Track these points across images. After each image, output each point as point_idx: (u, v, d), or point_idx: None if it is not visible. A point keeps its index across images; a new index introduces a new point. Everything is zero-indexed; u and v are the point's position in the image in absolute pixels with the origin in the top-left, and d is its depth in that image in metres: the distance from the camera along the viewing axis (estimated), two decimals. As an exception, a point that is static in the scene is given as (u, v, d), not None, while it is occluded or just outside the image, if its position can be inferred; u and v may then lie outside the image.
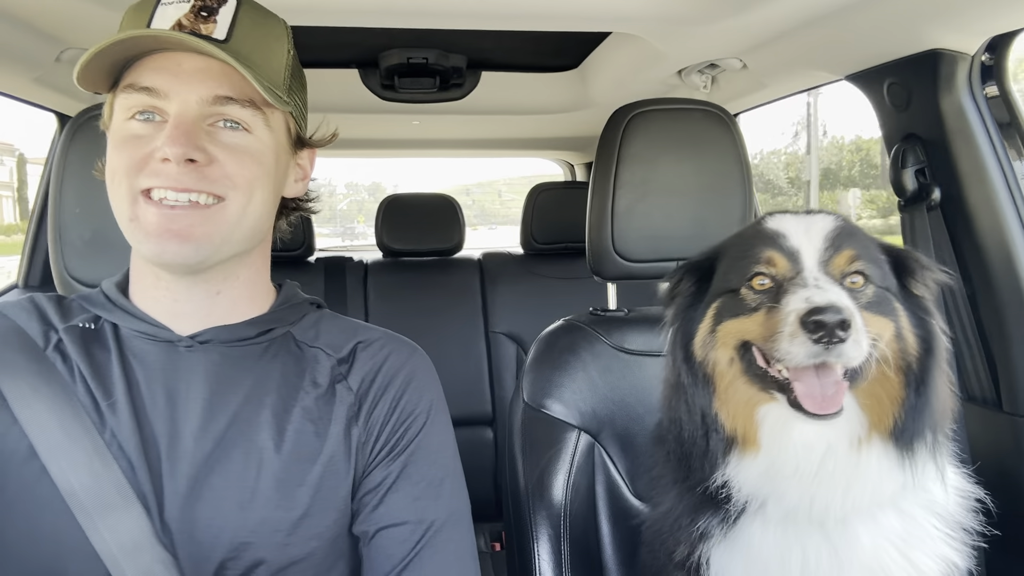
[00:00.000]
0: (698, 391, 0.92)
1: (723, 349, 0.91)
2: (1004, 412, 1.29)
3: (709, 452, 0.91)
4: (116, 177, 0.81)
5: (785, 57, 1.62)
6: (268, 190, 0.86)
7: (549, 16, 1.50)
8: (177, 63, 0.79)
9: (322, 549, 0.83)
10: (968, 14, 1.23)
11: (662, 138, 1.33)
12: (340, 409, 0.86)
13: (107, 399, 0.80)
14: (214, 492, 0.79)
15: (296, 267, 2.68)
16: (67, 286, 1.12)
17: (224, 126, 0.81)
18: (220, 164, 0.80)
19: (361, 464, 0.86)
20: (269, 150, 0.85)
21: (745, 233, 0.96)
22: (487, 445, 2.65)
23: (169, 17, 0.79)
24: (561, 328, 1.37)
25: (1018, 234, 1.30)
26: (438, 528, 0.85)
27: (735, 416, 0.90)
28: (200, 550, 0.77)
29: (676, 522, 0.96)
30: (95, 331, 0.85)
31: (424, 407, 0.90)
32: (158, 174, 0.78)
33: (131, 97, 0.80)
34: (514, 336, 2.68)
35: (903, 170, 1.42)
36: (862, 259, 0.87)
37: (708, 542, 0.92)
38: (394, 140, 3.20)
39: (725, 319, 0.91)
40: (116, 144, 0.82)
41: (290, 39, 0.89)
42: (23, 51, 1.51)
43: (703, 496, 0.92)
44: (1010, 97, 1.34)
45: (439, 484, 0.87)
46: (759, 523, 0.90)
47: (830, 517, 0.87)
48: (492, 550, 2.55)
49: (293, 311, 0.93)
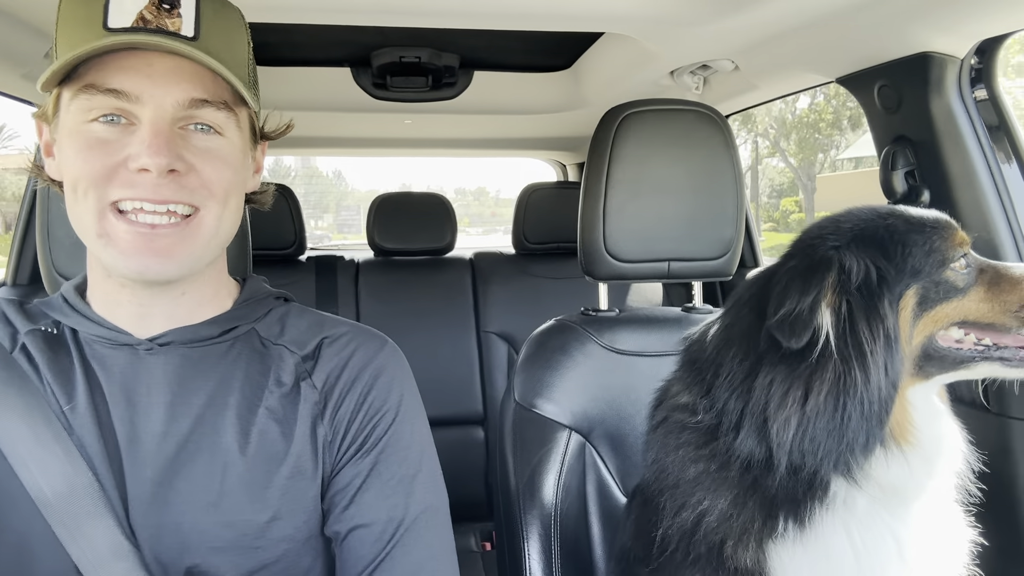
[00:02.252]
0: (884, 380, 0.87)
1: (921, 336, 0.91)
2: (991, 413, 1.30)
3: (868, 443, 0.86)
4: (80, 187, 0.75)
5: (777, 59, 1.63)
6: (240, 194, 0.84)
7: (542, 16, 1.50)
8: (147, 63, 0.73)
9: (294, 551, 0.81)
10: (958, 18, 1.23)
11: (654, 139, 1.33)
12: (305, 408, 0.84)
13: (69, 403, 0.78)
14: (179, 496, 0.77)
15: (287, 266, 2.67)
16: (55, 284, 1.11)
17: (196, 129, 0.77)
18: (197, 172, 0.77)
19: (329, 463, 0.84)
20: (239, 151, 0.82)
21: (893, 225, 0.92)
22: (478, 445, 2.64)
23: (128, 10, 0.73)
24: (552, 328, 1.37)
25: (1006, 235, 1.31)
26: (408, 526, 0.83)
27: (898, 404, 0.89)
28: (167, 554, 0.76)
29: (728, 523, 0.91)
30: (57, 336, 0.83)
31: (393, 402, 0.87)
32: (133, 185, 0.74)
33: (94, 98, 0.73)
34: (506, 336, 2.68)
35: (893, 172, 1.43)
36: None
37: (773, 541, 0.89)
38: (386, 139, 3.19)
39: (936, 304, 0.90)
40: (77, 149, 0.74)
41: (247, 27, 0.84)
42: (10, 47, 1.50)
43: (778, 493, 0.89)
44: (999, 100, 1.35)
45: (411, 481, 0.85)
46: (838, 517, 0.89)
47: (932, 501, 0.90)
48: (482, 549, 2.55)
49: (257, 307, 0.90)
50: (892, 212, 0.94)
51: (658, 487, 0.98)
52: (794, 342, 0.85)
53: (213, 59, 0.74)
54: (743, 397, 0.91)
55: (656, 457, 1.01)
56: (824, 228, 0.94)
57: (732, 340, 0.95)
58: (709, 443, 0.94)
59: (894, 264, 0.89)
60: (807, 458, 0.86)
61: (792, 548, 0.88)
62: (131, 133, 0.74)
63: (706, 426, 0.95)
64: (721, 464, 0.92)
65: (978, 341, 0.92)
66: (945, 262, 0.90)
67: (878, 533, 0.88)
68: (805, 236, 0.96)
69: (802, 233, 0.98)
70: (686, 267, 1.37)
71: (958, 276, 0.91)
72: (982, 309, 0.91)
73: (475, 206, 38.41)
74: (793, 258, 0.93)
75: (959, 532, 0.94)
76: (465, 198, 40.07)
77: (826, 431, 0.85)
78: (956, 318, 0.91)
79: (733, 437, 0.91)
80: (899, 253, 0.90)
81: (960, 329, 0.92)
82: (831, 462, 0.85)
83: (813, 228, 0.96)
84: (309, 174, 50.96)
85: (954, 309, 0.91)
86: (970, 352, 0.92)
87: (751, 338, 0.92)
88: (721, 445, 0.92)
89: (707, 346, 1.00)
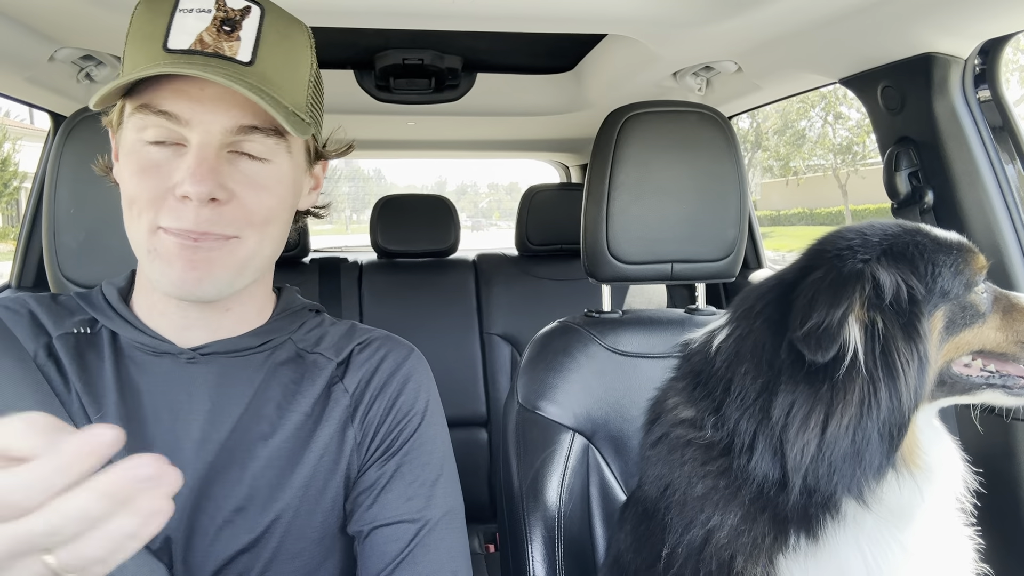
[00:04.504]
0: (910, 403, 0.84)
1: (942, 361, 0.90)
2: (995, 414, 1.29)
3: (882, 467, 0.85)
4: (135, 208, 0.76)
5: (780, 60, 1.62)
6: (283, 220, 0.84)
7: (544, 18, 1.50)
8: (199, 87, 0.73)
9: (309, 550, 0.83)
10: (962, 18, 1.23)
11: (657, 140, 1.33)
12: (335, 411, 0.86)
13: (98, 412, 0.78)
14: (213, 502, 0.78)
15: (291, 267, 2.68)
16: (61, 287, 1.11)
17: (243, 154, 0.77)
18: (239, 201, 0.77)
19: (356, 464, 0.86)
20: (288, 178, 0.82)
21: (922, 243, 0.90)
22: (481, 446, 2.64)
23: (190, 30, 0.73)
24: (556, 329, 1.37)
25: (1010, 236, 1.31)
26: (432, 527, 0.85)
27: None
28: (195, 558, 0.77)
29: (739, 538, 0.89)
30: (90, 336, 0.83)
31: (420, 407, 0.90)
32: (176, 215, 0.74)
33: (148, 118, 0.74)
34: (509, 337, 2.68)
35: (896, 173, 1.43)
36: None
37: (784, 555, 0.87)
38: (389, 141, 3.19)
39: (961, 328, 0.89)
40: (132, 171, 0.76)
41: (313, 46, 0.84)
42: (15, 50, 1.50)
43: (790, 510, 0.87)
44: (1003, 101, 1.35)
45: (433, 483, 0.87)
46: (850, 531, 0.87)
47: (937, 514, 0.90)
48: (486, 551, 2.54)
49: (293, 318, 0.92)
50: (918, 229, 0.91)
51: (664, 504, 0.96)
52: (820, 356, 0.81)
53: (261, 88, 0.73)
54: (755, 417, 0.87)
55: (660, 473, 0.97)
56: (849, 240, 0.90)
57: (743, 355, 0.91)
58: (716, 459, 0.92)
59: (924, 283, 0.86)
60: (821, 482, 0.83)
61: (804, 562, 0.86)
62: (180, 156, 0.75)
63: (713, 442, 0.92)
64: (730, 481, 0.90)
65: (983, 367, 0.92)
66: (970, 286, 0.89)
67: (887, 545, 0.87)
68: (827, 247, 0.91)
69: (819, 244, 0.94)
70: (689, 269, 1.37)
71: (980, 301, 0.90)
72: (997, 338, 0.91)
73: (507, 201, 38.48)
74: (816, 269, 0.88)
75: (964, 541, 0.94)
76: (498, 193, 40.18)
77: (843, 455, 0.83)
78: (975, 346, 0.90)
79: (747, 459, 0.87)
80: (929, 272, 0.87)
81: (969, 355, 0.92)
82: (845, 486, 0.83)
83: (834, 239, 0.92)
84: (352, 173, 51.72)
85: (975, 336, 0.90)
86: (977, 379, 0.92)
87: (765, 353, 0.89)
88: (730, 462, 0.90)
89: (713, 358, 0.96)
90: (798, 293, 0.86)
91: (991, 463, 1.25)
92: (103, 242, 1.09)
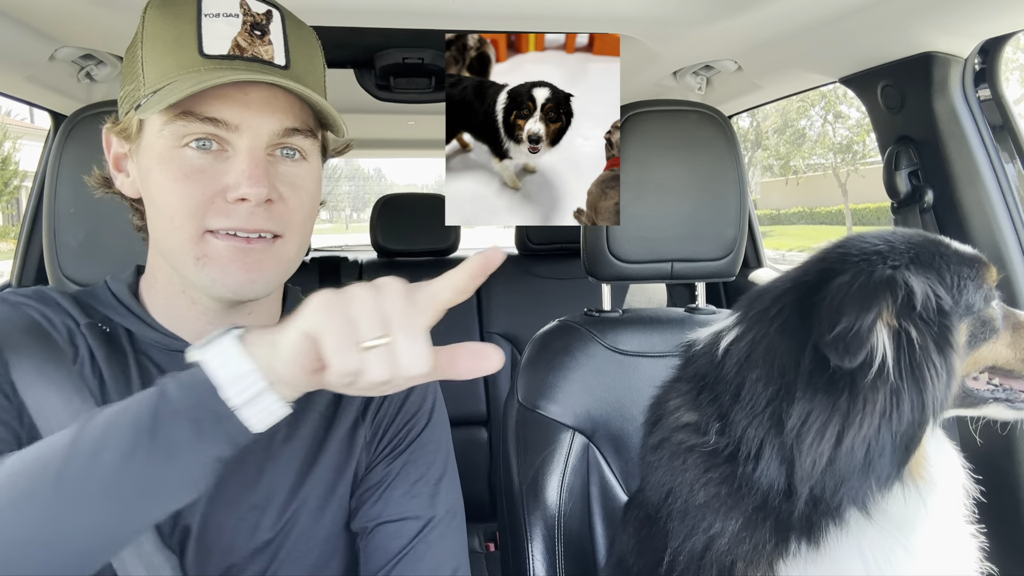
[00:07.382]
0: (931, 415, 0.83)
1: (962, 375, 0.90)
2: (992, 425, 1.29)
3: (889, 479, 0.84)
4: (176, 218, 0.74)
5: (780, 59, 1.63)
6: (314, 218, 0.84)
7: (545, 18, 1.50)
8: (243, 92, 0.73)
9: (318, 548, 0.84)
10: (961, 18, 1.23)
11: (657, 139, 1.34)
12: (348, 410, 0.87)
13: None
14: (228, 499, 0.79)
15: (291, 267, 2.68)
16: (61, 286, 1.11)
17: (282, 155, 0.77)
18: (285, 201, 0.77)
19: (364, 462, 0.87)
20: (319, 175, 0.82)
21: (946, 254, 0.89)
22: (482, 445, 2.64)
23: (223, 35, 0.73)
24: (556, 329, 1.37)
25: (1010, 235, 1.31)
26: (435, 524, 0.86)
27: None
28: (209, 556, 0.77)
29: (740, 545, 0.88)
30: (110, 334, 0.82)
31: (427, 407, 0.91)
32: (229, 215, 0.73)
33: (191, 125, 0.72)
34: (509, 336, 2.68)
35: (896, 172, 1.43)
36: None
37: (784, 561, 0.86)
38: (389, 140, 3.19)
39: (981, 343, 0.88)
40: (174, 179, 0.73)
41: (320, 46, 0.85)
42: (15, 49, 1.50)
43: (793, 517, 0.86)
44: (1003, 100, 1.35)
45: (438, 481, 0.88)
46: (852, 537, 0.87)
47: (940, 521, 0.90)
48: (486, 550, 2.55)
49: None
50: (940, 240, 0.91)
51: (666, 511, 0.94)
52: (847, 361, 0.79)
53: (307, 89, 0.73)
54: (764, 425, 0.86)
55: (661, 480, 0.96)
56: (875, 245, 0.88)
57: (756, 359, 0.88)
58: (719, 466, 0.90)
59: (951, 294, 0.85)
60: (827, 492, 0.83)
61: (804, 568, 0.85)
62: (224, 160, 0.74)
63: (716, 449, 0.91)
64: (733, 489, 0.88)
65: (989, 381, 0.93)
66: (988, 300, 0.89)
67: (889, 550, 0.87)
68: (851, 251, 0.88)
69: (840, 247, 0.91)
70: (690, 268, 1.37)
71: (997, 316, 0.90)
72: (1007, 355, 0.91)
73: (520, 196, 38.77)
74: (841, 273, 0.85)
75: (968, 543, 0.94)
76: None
77: (854, 467, 0.81)
78: (990, 361, 0.91)
79: (752, 467, 0.86)
80: (955, 284, 0.86)
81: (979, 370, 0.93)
82: (851, 498, 0.83)
83: (858, 243, 0.90)
84: (352, 172, 51.77)
85: (990, 351, 0.90)
86: (984, 393, 0.93)
87: (778, 359, 0.86)
88: (732, 469, 0.89)
89: (721, 361, 0.93)
90: (824, 296, 0.83)
91: (991, 462, 1.26)
92: (103, 241, 1.09)
